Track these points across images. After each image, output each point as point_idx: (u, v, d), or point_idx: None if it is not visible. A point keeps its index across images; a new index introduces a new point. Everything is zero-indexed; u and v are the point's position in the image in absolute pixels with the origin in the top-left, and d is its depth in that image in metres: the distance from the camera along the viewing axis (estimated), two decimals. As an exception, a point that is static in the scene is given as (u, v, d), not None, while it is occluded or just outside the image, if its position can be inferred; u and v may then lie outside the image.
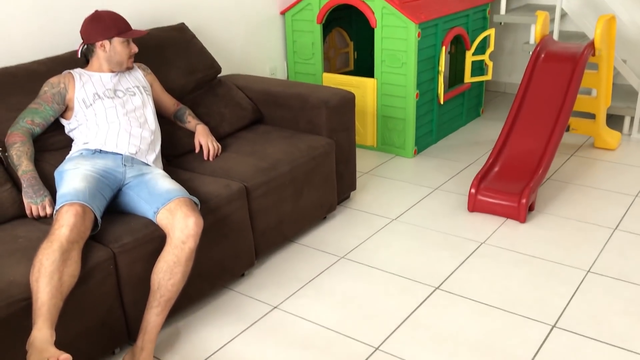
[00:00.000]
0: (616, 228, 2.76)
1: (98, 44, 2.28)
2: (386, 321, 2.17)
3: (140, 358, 1.88)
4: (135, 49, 2.34)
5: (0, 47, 2.45)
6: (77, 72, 2.31)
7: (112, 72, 2.33)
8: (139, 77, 2.43)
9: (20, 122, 2.17)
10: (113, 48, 2.28)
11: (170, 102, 2.59)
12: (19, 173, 2.08)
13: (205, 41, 3.30)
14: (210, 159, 2.54)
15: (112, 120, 2.25)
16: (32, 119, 2.18)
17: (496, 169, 3.08)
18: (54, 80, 2.26)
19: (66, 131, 2.32)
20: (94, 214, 1.93)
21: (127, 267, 1.96)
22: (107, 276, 1.91)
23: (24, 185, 2.06)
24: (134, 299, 2.00)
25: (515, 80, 4.86)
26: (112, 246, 1.93)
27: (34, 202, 2.04)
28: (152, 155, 2.30)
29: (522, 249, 2.62)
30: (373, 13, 3.44)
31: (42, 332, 1.59)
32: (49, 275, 1.69)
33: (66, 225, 1.80)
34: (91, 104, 2.25)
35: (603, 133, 3.68)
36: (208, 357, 2.03)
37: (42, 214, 2.05)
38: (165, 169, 2.42)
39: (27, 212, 2.05)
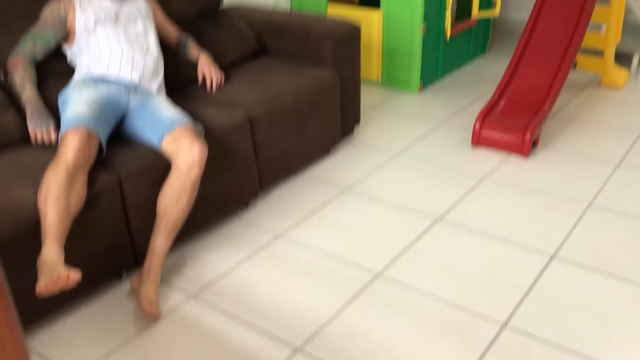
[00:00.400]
0: (619, 164, 2.76)
1: None
2: (388, 250, 2.21)
3: (148, 281, 1.93)
4: None
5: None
6: None
7: None
8: (140, 4, 2.37)
9: (22, 47, 2.14)
10: None
11: (172, 31, 2.55)
12: (23, 99, 2.06)
13: (208, -30, 3.21)
14: (214, 88, 2.52)
15: (115, 46, 2.21)
16: (34, 43, 2.15)
17: (501, 104, 3.06)
18: (54, 5, 2.22)
19: (68, 59, 2.29)
20: (99, 139, 1.93)
21: (133, 193, 1.98)
22: (113, 201, 1.93)
23: (28, 111, 2.05)
24: (140, 224, 2.03)
25: (523, 16, 4.76)
26: (119, 172, 1.94)
27: (38, 128, 2.04)
28: (156, 82, 2.27)
29: (525, 182, 2.63)
30: (380, -58, 3.33)
31: (51, 251, 1.62)
32: (56, 197, 1.71)
33: (72, 150, 1.81)
34: (93, 30, 2.21)
35: (610, 71, 3.63)
36: (213, 281, 2.07)
37: (46, 139, 2.05)
38: (170, 96, 2.40)
39: (32, 138, 2.05)
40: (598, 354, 1.72)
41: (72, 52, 2.26)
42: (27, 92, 2.06)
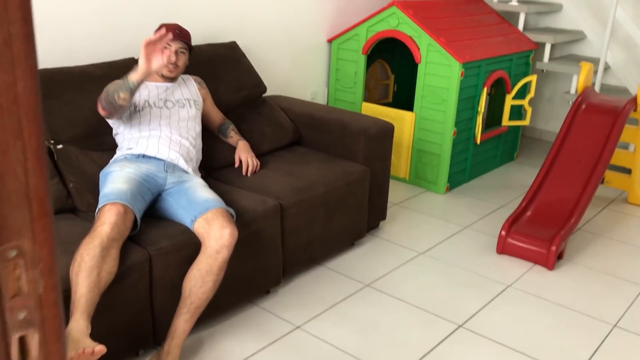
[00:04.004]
0: (646, 285, 2.73)
1: None
2: (407, 353, 2.17)
3: (165, 362, 1.91)
4: (171, 58, 2.35)
5: (60, 47, 2.56)
6: None
7: (167, 81, 2.41)
8: (192, 90, 2.50)
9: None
10: None
11: (217, 116, 2.66)
12: (129, 81, 2.10)
13: (253, 61, 3.38)
14: (249, 174, 2.60)
15: (155, 128, 2.31)
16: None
17: (528, 213, 3.08)
18: (117, 80, 2.32)
19: (113, 133, 2.39)
20: (135, 215, 1.99)
21: (161, 271, 2.01)
22: (141, 277, 1.95)
23: (137, 72, 2.11)
24: (163, 303, 2.04)
25: (552, 127, 4.87)
26: (149, 249, 1.98)
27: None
28: (192, 164, 2.36)
29: (549, 296, 2.60)
30: (418, 49, 3.50)
31: (79, 324, 1.64)
32: (88, 269, 1.74)
33: (108, 223, 1.86)
34: (142, 109, 2.32)
35: (637, 189, 3.66)
36: (229, 369, 2.05)
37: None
38: (206, 180, 2.47)
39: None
40: None
41: (118, 127, 2.36)
42: (121, 80, 2.11)
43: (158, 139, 2.30)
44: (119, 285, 1.89)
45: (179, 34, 2.39)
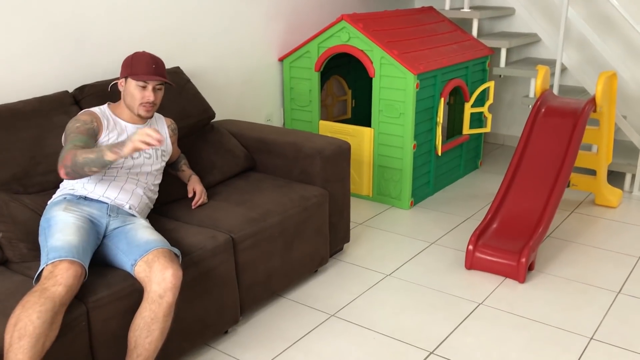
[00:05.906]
0: (619, 291, 2.64)
1: (119, 81, 2.20)
2: (376, 388, 2.03)
3: None
4: (149, 97, 2.14)
5: (-13, 85, 2.39)
6: (105, 114, 2.18)
7: (139, 121, 2.21)
8: (163, 134, 2.32)
9: (64, 150, 1.98)
10: (127, 88, 2.16)
11: (175, 154, 2.50)
12: (104, 158, 1.87)
13: (201, 85, 3.24)
14: (194, 206, 2.44)
15: (110, 174, 2.13)
16: (75, 145, 1.98)
17: (495, 225, 2.98)
18: (85, 117, 2.10)
19: None
20: (86, 272, 1.81)
21: (101, 324, 1.83)
22: (79, 334, 1.78)
23: (115, 148, 1.87)
24: (107, 359, 1.86)
25: (514, 132, 4.81)
26: (86, 301, 1.81)
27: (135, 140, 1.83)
28: (140, 209, 2.18)
29: (522, 311, 2.49)
30: (372, 63, 3.39)
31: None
32: (36, 337, 1.56)
33: (65, 285, 1.68)
34: None
35: (604, 190, 3.60)
36: None
37: (155, 135, 1.82)
38: (152, 216, 2.31)
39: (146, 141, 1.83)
40: None
41: None
42: (97, 151, 1.88)
43: (109, 183, 2.12)
44: (54, 345, 1.70)
45: (156, 69, 2.16)
